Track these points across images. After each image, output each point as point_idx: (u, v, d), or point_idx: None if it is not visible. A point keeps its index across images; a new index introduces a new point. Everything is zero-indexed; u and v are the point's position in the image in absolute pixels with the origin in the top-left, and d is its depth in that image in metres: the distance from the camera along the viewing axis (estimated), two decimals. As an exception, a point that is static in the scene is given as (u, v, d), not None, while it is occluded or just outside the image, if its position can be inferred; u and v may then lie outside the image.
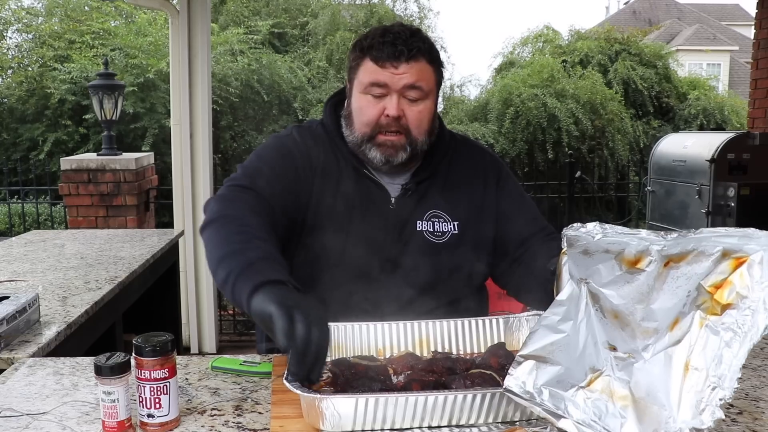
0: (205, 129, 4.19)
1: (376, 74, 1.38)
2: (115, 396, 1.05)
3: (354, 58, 1.44)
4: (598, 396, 0.94)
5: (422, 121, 1.42)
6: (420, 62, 1.39)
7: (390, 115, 1.38)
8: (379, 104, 1.39)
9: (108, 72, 4.85)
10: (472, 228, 1.50)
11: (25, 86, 8.47)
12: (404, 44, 1.37)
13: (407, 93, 1.39)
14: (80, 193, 4.51)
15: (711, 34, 23.07)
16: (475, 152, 1.59)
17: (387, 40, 1.38)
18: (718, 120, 10.42)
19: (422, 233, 1.46)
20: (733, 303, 0.89)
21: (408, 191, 1.48)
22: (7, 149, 8.44)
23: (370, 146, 1.42)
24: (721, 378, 0.85)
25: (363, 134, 1.42)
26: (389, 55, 1.37)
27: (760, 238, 0.93)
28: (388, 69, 1.37)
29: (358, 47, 1.43)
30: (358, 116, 1.43)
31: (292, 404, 1.12)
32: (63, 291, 2.16)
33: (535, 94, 9.41)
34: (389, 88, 1.38)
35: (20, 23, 9.42)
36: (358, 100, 1.42)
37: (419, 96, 1.40)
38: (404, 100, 1.39)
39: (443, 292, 1.47)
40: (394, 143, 1.41)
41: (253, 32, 9.00)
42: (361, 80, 1.41)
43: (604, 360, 0.97)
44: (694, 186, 4.05)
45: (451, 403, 1.01)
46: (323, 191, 1.44)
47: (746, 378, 1.33)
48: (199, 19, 4.10)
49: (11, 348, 1.60)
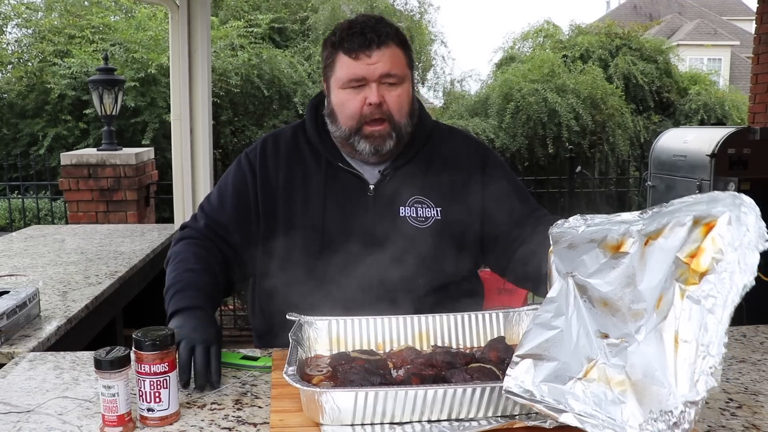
0: (205, 124, 4.18)
1: (352, 68, 1.42)
2: (115, 390, 1.05)
3: (327, 56, 1.48)
4: (596, 385, 0.94)
5: (402, 105, 1.46)
6: (390, 47, 1.43)
7: (372, 102, 1.42)
8: (359, 95, 1.43)
9: (108, 67, 4.85)
10: (456, 214, 1.52)
11: (24, 81, 8.45)
12: (372, 32, 1.41)
13: (384, 80, 1.43)
14: (80, 188, 4.52)
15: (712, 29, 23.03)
16: (459, 140, 1.62)
17: (355, 31, 1.42)
18: (719, 115, 10.40)
19: (405, 219, 1.49)
20: (710, 269, 0.89)
21: (386, 177, 1.50)
22: (7, 144, 8.43)
23: (358, 139, 1.46)
24: (709, 345, 0.85)
25: (349, 128, 1.46)
26: (360, 45, 1.41)
27: (725, 199, 0.93)
28: (363, 60, 1.41)
29: (329, 44, 1.47)
30: (342, 111, 1.46)
31: (291, 398, 1.12)
32: (63, 286, 2.17)
33: (536, 89, 9.39)
34: (367, 79, 1.42)
35: (20, 18, 9.41)
36: (338, 96, 1.46)
37: (396, 81, 1.44)
38: (383, 86, 1.43)
39: (431, 278, 1.48)
40: (381, 132, 1.45)
41: (253, 26, 8.98)
42: (338, 76, 1.45)
43: (597, 349, 0.97)
44: (694, 181, 4.05)
45: (450, 397, 1.01)
46: (290, 195, 1.51)
47: (746, 372, 1.33)
48: (199, 14, 4.09)
49: (11, 342, 1.60)
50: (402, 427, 1.02)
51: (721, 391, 1.24)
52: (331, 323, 1.32)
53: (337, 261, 1.46)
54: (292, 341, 1.18)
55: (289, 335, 1.21)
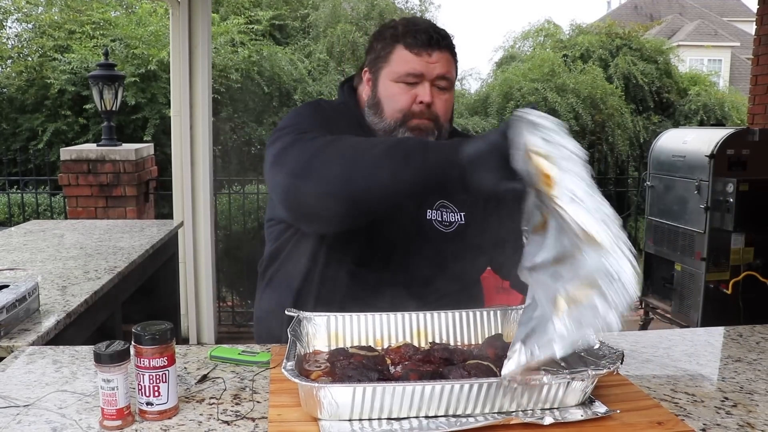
0: (205, 120, 4.19)
1: (412, 63, 1.41)
2: (114, 384, 1.06)
3: (383, 47, 1.46)
4: (568, 309, 0.96)
5: (448, 110, 1.47)
6: (446, 54, 1.43)
7: (424, 102, 1.41)
8: (411, 91, 1.42)
9: (108, 62, 4.84)
10: (478, 219, 1.52)
11: (24, 76, 8.43)
12: (436, 33, 1.42)
13: (438, 82, 1.43)
14: (80, 184, 4.51)
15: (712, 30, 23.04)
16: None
17: (419, 29, 1.42)
18: (719, 116, 10.40)
19: (431, 222, 1.49)
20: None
21: None
22: (7, 139, 8.41)
23: (402, 131, 1.44)
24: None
25: (395, 120, 1.44)
26: (424, 42, 1.40)
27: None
28: (423, 57, 1.40)
29: (387, 36, 1.45)
30: (390, 104, 1.44)
31: (290, 393, 1.12)
32: (62, 280, 2.17)
33: (536, 89, 9.40)
34: (423, 77, 1.41)
35: (20, 13, 9.39)
36: (389, 88, 1.44)
37: (447, 85, 1.44)
38: (434, 88, 1.43)
39: (447, 282, 1.48)
40: (426, 127, 1.44)
41: (253, 22, 8.96)
42: (393, 69, 1.43)
43: (556, 283, 0.99)
44: (693, 181, 4.05)
45: (448, 392, 1.02)
46: None
47: (741, 371, 1.34)
48: (200, 10, 4.09)
49: (11, 336, 1.61)
50: (399, 422, 1.03)
51: (716, 389, 1.25)
52: (329, 319, 1.33)
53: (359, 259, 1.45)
54: (290, 337, 1.19)
55: (288, 330, 1.21)
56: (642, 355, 1.43)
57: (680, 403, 1.18)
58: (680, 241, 4.23)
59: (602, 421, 1.06)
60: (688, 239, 4.14)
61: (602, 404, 1.09)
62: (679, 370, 1.35)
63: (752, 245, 3.95)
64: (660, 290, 4.52)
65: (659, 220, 4.48)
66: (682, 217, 4.22)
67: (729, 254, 3.95)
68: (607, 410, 1.07)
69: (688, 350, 1.48)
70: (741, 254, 3.96)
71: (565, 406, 1.07)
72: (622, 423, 1.06)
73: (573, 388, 1.06)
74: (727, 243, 3.95)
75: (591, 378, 1.06)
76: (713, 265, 3.98)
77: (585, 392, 1.08)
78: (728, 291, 3.95)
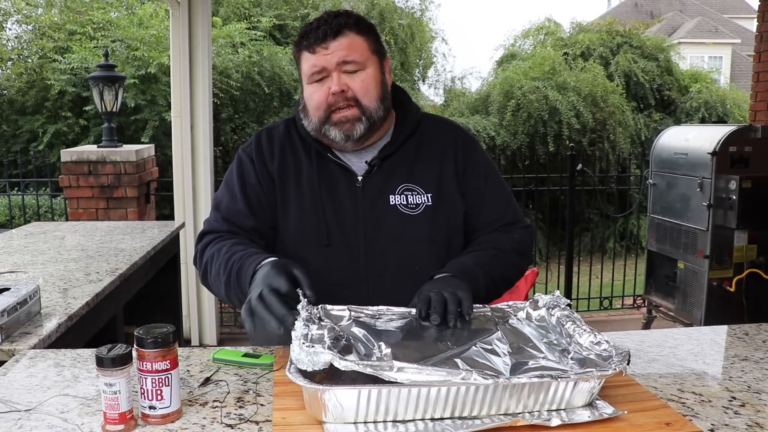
0: (205, 121, 4.18)
1: (312, 61, 1.47)
2: (116, 387, 1.05)
3: (295, 55, 1.53)
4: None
5: (368, 88, 1.48)
6: (347, 36, 1.46)
7: (334, 91, 1.45)
8: (323, 86, 1.47)
9: (108, 63, 4.83)
10: (445, 200, 1.55)
11: (25, 78, 8.41)
12: (327, 25, 1.46)
13: (344, 67, 1.46)
14: (81, 185, 4.51)
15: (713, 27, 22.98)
16: (445, 128, 1.65)
17: (312, 27, 1.47)
18: (720, 113, 10.37)
19: (396, 206, 1.52)
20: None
21: (374, 167, 1.53)
22: (7, 141, 8.39)
23: (328, 127, 1.49)
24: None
25: (318, 118, 1.49)
26: (316, 39, 1.46)
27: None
28: (320, 52, 1.45)
29: (295, 45, 1.52)
30: (311, 104, 1.51)
31: (294, 396, 1.11)
32: (64, 283, 2.16)
33: (537, 87, 9.37)
34: (326, 69, 1.46)
35: (20, 14, 9.37)
36: (307, 91, 1.51)
37: (357, 67, 1.47)
38: (344, 75, 1.46)
39: (427, 263, 1.50)
40: (348, 117, 1.47)
41: (254, 27, 8.96)
42: (304, 72, 1.50)
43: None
44: (695, 179, 4.03)
45: (453, 394, 1.01)
46: (285, 186, 1.54)
47: (748, 370, 1.33)
48: (200, 11, 4.08)
49: (12, 339, 1.60)
50: (405, 425, 1.02)
51: (723, 389, 1.23)
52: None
53: (330, 250, 1.49)
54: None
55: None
56: (648, 355, 1.42)
57: (687, 403, 1.17)
58: (683, 238, 4.22)
59: (610, 422, 1.05)
60: (691, 237, 4.13)
61: (609, 405, 1.08)
62: (685, 370, 1.34)
63: (755, 242, 3.93)
64: (663, 288, 4.50)
65: (661, 217, 4.46)
66: (684, 214, 4.20)
67: (732, 252, 3.94)
68: (615, 411, 1.06)
69: (694, 349, 1.47)
70: (744, 252, 3.94)
71: (572, 407, 1.06)
72: (629, 424, 1.05)
73: (580, 389, 1.05)
74: (730, 240, 3.93)
75: (598, 378, 1.05)
76: (716, 263, 3.96)
77: (592, 393, 1.07)
78: (731, 289, 3.94)
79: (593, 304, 5.60)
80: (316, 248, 1.50)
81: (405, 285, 1.44)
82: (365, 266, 1.49)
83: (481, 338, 1.21)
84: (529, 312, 1.34)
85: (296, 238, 1.52)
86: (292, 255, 1.50)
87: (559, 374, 1.03)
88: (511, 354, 1.16)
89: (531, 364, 1.12)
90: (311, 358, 1.00)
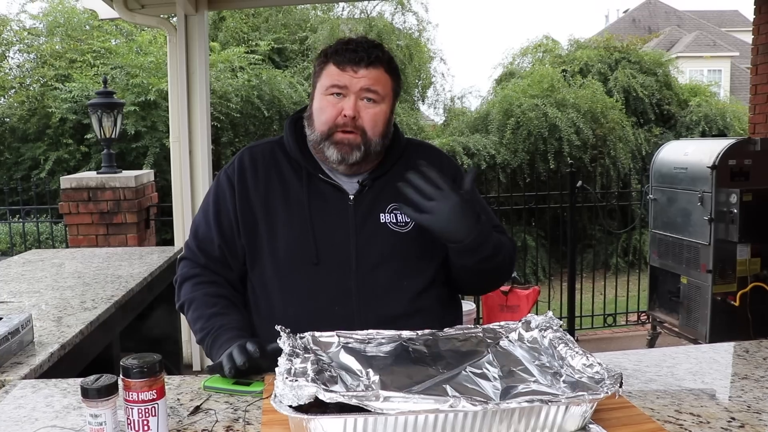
0: (204, 145, 4.19)
1: (337, 77, 1.48)
2: (102, 419, 1.03)
3: (318, 64, 1.55)
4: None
5: (377, 122, 1.51)
6: (378, 69, 1.50)
7: (347, 115, 1.47)
8: (338, 105, 1.49)
9: (107, 90, 4.86)
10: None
11: (26, 106, 8.47)
12: (365, 51, 1.48)
13: (364, 95, 1.48)
14: (80, 212, 4.51)
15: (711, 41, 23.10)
16: (431, 153, 1.69)
17: (350, 48, 1.49)
18: (720, 126, 10.37)
19: (386, 225, 1.54)
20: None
21: (365, 187, 1.56)
22: (9, 169, 8.44)
23: (327, 144, 1.51)
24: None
25: (322, 132, 1.51)
26: (350, 60, 1.48)
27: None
28: (348, 72, 1.48)
29: (322, 54, 1.54)
30: (318, 116, 1.52)
31: (282, 424, 1.10)
32: (58, 311, 2.15)
33: (536, 104, 9.39)
34: (348, 90, 1.48)
35: (22, 43, 9.47)
36: (319, 101, 1.52)
37: (375, 99, 1.50)
38: (361, 102, 1.49)
39: (415, 279, 1.52)
40: (350, 141, 1.49)
41: (253, 52, 9.02)
42: (323, 83, 1.51)
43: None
44: (695, 193, 4.01)
45: (442, 421, 0.98)
46: (271, 207, 1.55)
47: (748, 389, 1.30)
48: (197, 36, 4.11)
49: (3, 370, 1.58)
50: (394, 453, 1.00)
51: (722, 409, 1.21)
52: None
53: (320, 267, 1.50)
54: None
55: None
56: (645, 375, 1.40)
57: (685, 424, 1.14)
58: (685, 253, 4.19)
59: (604, 446, 1.02)
60: (693, 252, 4.10)
61: (603, 429, 1.06)
62: (683, 390, 1.31)
63: (758, 256, 3.90)
64: (666, 304, 4.47)
65: (663, 233, 4.44)
66: (686, 229, 4.18)
67: (735, 266, 3.91)
68: (609, 435, 1.04)
69: (693, 368, 1.44)
70: (747, 265, 3.91)
71: (564, 432, 1.04)
72: (624, 447, 1.03)
73: (572, 413, 1.03)
74: (732, 254, 3.90)
75: (589, 402, 1.03)
76: (719, 277, 3.93)
77: (584, 417, 1.05)
78: (736, 303, 3.90)
79: (597, 321, 5.56)
80: (306, 267, 1.50)
81: (394, 301, 1.48)
82: (356, 283, 1.49)
83: (471, 362, 1.20)
84: (521, 333, 1.32)
85: (285, 257, 1.52)
86: (282, 274, 1.51)
87: (549, 398, 1.01)
88: (502, 378, 1.15)
89: (521, 388, 1.11)
90: (295, 392, 0.99)
